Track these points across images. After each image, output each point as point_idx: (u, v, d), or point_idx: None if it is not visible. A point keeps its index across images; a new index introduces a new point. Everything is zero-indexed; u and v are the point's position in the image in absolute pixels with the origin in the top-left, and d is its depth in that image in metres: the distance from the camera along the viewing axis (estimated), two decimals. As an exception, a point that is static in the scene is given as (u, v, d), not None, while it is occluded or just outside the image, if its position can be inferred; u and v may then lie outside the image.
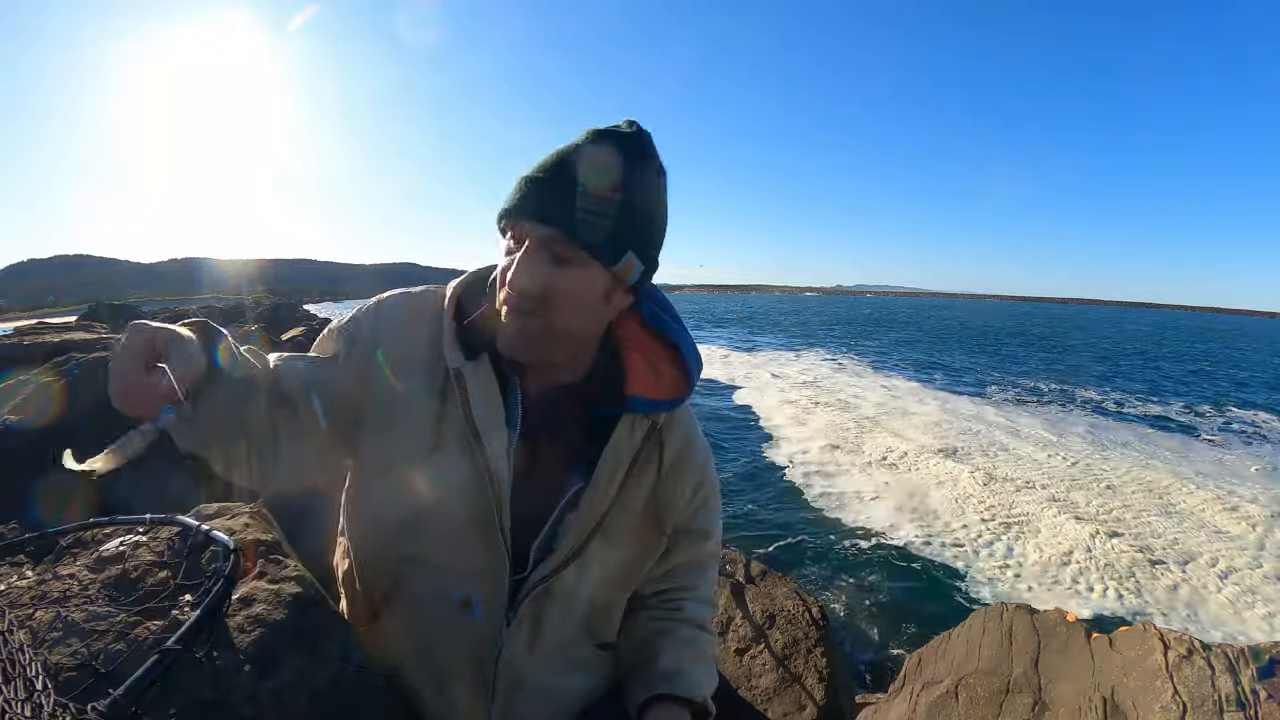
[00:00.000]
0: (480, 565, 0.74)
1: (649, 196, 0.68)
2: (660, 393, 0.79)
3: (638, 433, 0.79)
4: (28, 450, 2.58)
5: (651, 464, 0.81)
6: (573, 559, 0.77)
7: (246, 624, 0.71)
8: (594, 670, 0.88)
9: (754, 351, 24.06)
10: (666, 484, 0.83)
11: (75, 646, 0.62)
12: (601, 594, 0.83)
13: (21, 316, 64.34)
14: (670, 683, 0.84)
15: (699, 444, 0.86)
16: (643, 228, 0.68)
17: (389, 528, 0.75)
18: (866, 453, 9.73)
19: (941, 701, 2.29)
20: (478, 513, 0.73)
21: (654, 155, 0.69)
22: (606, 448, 0.77)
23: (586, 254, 0.66)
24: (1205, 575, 5.99)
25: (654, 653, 0.88)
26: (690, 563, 0.92)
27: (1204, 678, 1.86)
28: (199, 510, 0.92)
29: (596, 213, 0.65)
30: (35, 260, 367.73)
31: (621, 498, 0.79)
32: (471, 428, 0.71)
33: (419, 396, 0.74)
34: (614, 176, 0.65)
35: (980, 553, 6.51)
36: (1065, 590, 5.79)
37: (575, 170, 0.65)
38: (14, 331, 7.22)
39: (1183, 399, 16.77)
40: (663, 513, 0.84)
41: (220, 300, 46.77)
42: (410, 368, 0.74)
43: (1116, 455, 10.07)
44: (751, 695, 2.66)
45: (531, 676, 0.79)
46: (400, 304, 0.79)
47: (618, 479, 0.78)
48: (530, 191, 0.66)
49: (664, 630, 0.90)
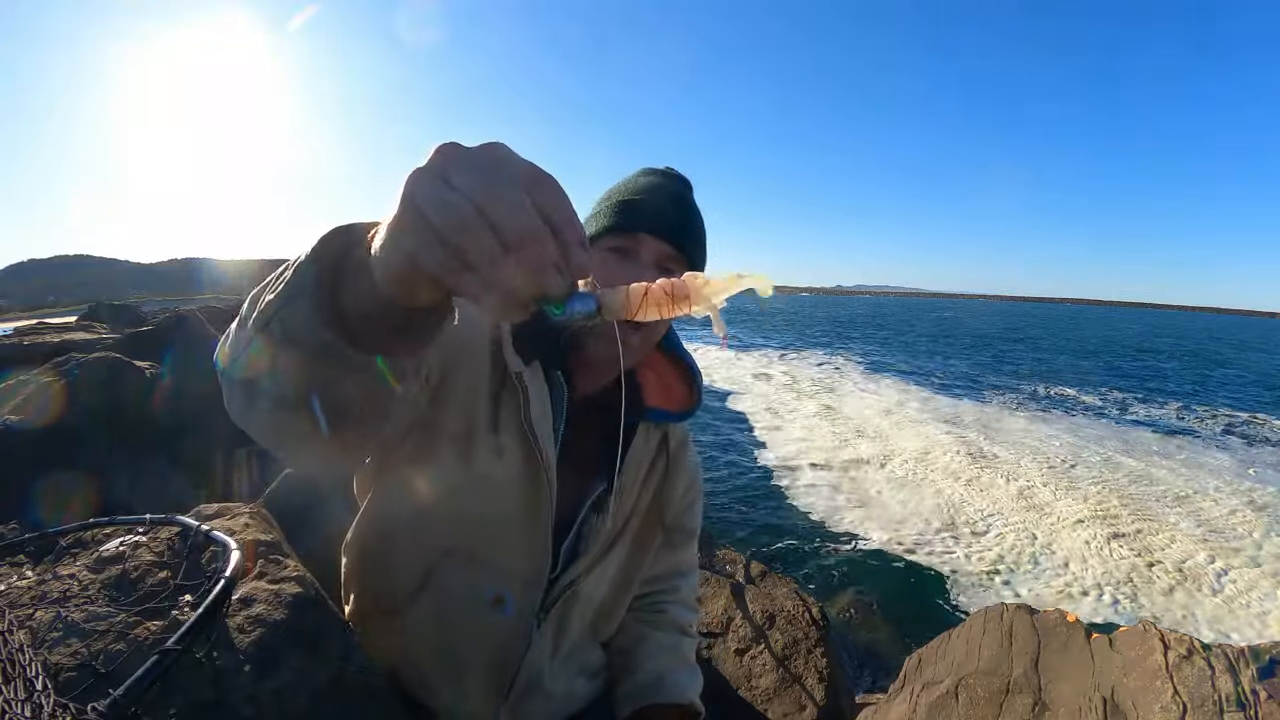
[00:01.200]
0: (519, 564, 0.76)
1: (705, 226, 0.80)
2: (671, 405, 0.86)
3: (652, 441, 0.86)
4: (28, 450, 2.58)
5: (659, 468, 0.88)
6: (598, 562, 0.81)
7: (246, 624, 0.71)
8: (597, 675, 0.92)
9: (753, 352, 24.07)
10: (666, 483, 0.89)
11: (75, 646, 0.62)
12: (610, 595, 0.86)
13: (21, 316, 64.40)
14: (655, 691, 0.89)
15: (691, 447, 0.94)
16: (706, 253, 0.80)
17: (436, 519, 0.75)
18: (866, 453, 9.74)
19: (941, 702, 2.29)
20: (527, 513, 0.74)
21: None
22: (629, 454, 0.82)
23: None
24: (1204, 575, 6.00)
25: (638, 660, 0.92)
26: (674, 567, 0.97)
27: (1204, 678, 1.86)
28: (199, 510, 0.92)
29: (698, 238, 0.77)
30: (35, 260, 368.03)
31: (638, 503, 0.85)
32: (530, 430, 0.73)
33: (480, 395, 0.74)
34: (696, 208, 0.79)
35: (980, 553, 6.51)
36: (1065, 590, 5.80)
37: (680, 198, 0.77)
38: (14, 331, 7.23)
39: (1180, 399, 16.79)
40: (663, 510, 0.89)
41: (220, 300, 46.84)
42: (475, 368, 0.75)
43: (1116, 454, 10.08)
44: (751, 695, 2.66)
45: (548, 679, 0.82)
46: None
47: (638, 485, 0.85)
48: (651, 211, 0.74)
49: (646, 636, 0.94)
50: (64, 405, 2.88)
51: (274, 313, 0.40)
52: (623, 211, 0.74)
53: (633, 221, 0.74)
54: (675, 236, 0.74)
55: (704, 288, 0.36)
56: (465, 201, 0.29)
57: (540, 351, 0.75)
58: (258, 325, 0.41)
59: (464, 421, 0.73)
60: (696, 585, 1.03)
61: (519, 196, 0.30)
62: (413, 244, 0.30)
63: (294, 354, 0.40)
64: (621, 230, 0.74)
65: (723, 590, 3.31)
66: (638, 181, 0.78)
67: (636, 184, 0.78)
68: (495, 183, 0.30)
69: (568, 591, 0.79)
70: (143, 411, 3.40)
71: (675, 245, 0.74)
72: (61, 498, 2.51)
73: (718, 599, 3.28)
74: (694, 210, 0.78)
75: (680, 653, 0.94)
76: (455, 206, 0.29)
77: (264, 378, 0.41)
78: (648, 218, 0.74)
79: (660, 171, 0.81)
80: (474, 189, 0.29)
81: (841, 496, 8.04)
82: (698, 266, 0.76)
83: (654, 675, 0.90)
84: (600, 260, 0.73)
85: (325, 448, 0.48)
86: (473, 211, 0.29)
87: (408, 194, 0.30)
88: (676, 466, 0.89)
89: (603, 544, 0.81)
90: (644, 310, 0.36)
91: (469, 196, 0.29)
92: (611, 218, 0.75)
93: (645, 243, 0.73)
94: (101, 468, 3.17)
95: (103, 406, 3.07)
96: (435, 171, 0.30)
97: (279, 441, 0.47)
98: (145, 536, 0.81)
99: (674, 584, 0.98)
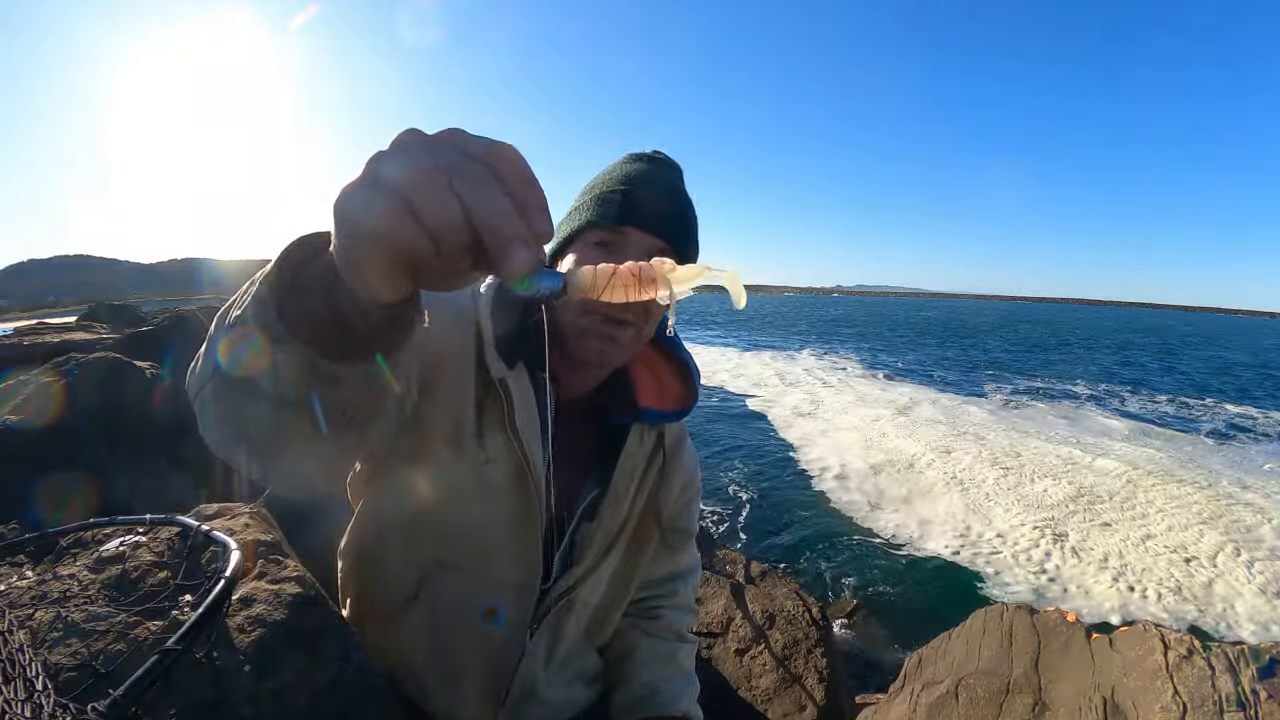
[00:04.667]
0: (511, 574, 0.74)
1: (696, 217, 0.76)
2: (665, 404, 0.81)
3: (647, 443, 0.82)
4: (28, 450, 2.58)
5: (655, 470, 0.84)
6: (593, 570, 0.79)
7: (246, 624, 0.71)
8: (594, 680, 0.91)
9: (752, 351, 24.06)
10: (663, 483, 0.86)
11: (75, 646, 0.61)
12: (606, 600, 0.84)
13: (21, 316, 64.35)
14: (648, 704, 0.88)
15: (688, 444, 0.91)
16: (698, 245, 0.76)
17: (426, 530, 0.73)
18: (866, 454, 9.74)
19: (942, 702, 2.29)
20: (517, 522, 0.72)
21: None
22: (621, 457, 0.78)
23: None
24: (1205, 574, 6.00)
25: (631, 670, 0.91)
26: (671, 570, 0.95)
27: (1204, 678, 1.86)
28: (199, 510, 0.92)
29: (689, 231, 0.73)
30: (35, 260, 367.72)
31: (634, 507, 0.82)
32: (517, 440, 0.70)
33: (464, 404, 0.71)
34: (687, 197, 0.75)
35: (979, 552, 6.51)
36: (1065, 590, 5.79)
37: (669, 188, 0.72)
38: (14, 331, 7.22)
39: (1177, 395, 16.83)
40: (660, 510, 0.86)
41: (220, 300, 46.79)
42: (456, 377, 0.71)
43: (1115, 452, 10.07)
44: (751, 695, 2.66)
45: (542, 686, 0.81)
46: (451, 298, 0.73)
47: (633, 489, 0.81)
48: (638, 203, 0.70)
49: (639, 644, 0.92)
50: (64, 405, 2.88)
51: (244, 318, 0.40)
52: (608, 204, 0.70)
53: (619, 214, 0.69)
54: (664, 229, 0.70)
55: (670, 274, 0.37)
56: (428, 167, 0.29)
57: (525, 353, 0.72)
58: (227, 328, 0.41)
59: (449, 432, 0.70)
60: (696, 585, 1.00)
61: (480, 168, 0.30)
62: (375, 214, 0.29)
63: (285, 353, 0.39)
64: (607, 224, 0.69)
65: (723, 590, 3.31)
66: (624, 170, 0.73)
67: (623, 172, 0.73)
68: (455, 153, 0.30)
69: (561, 601, 0.77)
70: (143, 411, 3.40)
71: (665, 238, 0.70)
72: (61, 498, 2.51)
73: (718, 599, 3.28)
74: (684, 200, 0.74)
75: (675, 661, 0.92)
76: (419, 170, 0.29)
77: (264, 376, 0.40)
78: (635, 210, 0.69)
79: (647, 157, 0.76)
80: (437, 158, 0.29)
81: (842, 496, 8.03)
82: (688, 259, 0.73)
83: (648, 688, 0.88)
84: (586, 255, 0.70)
85: (322, 449, 0.47)
86: (438, 177, 0.29)
87: (370, 168, 0.30)
88: (673, 465, 0.86)
89: (597, 551, 0.78)
90: (610, 291, 0.36)
91: (434, 162, 0.29)
92: (596, 210, 0.70)
93: (633, 237, 0.69)
94: (101, 468, 3.17)
95: (103, 406, 3.07)
96: (397, 147, 0.31)
97: (274, 447, 0.46)
98: (145, 536, 0.80)
99: (671, 588, 0.95)
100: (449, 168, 0.29)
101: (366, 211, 0.29)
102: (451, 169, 0.29)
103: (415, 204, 0.29)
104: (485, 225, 0.29)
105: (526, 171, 0.31)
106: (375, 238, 0.30)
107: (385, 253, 0.30)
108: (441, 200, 0.29)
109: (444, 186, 0.29)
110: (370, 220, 0.29)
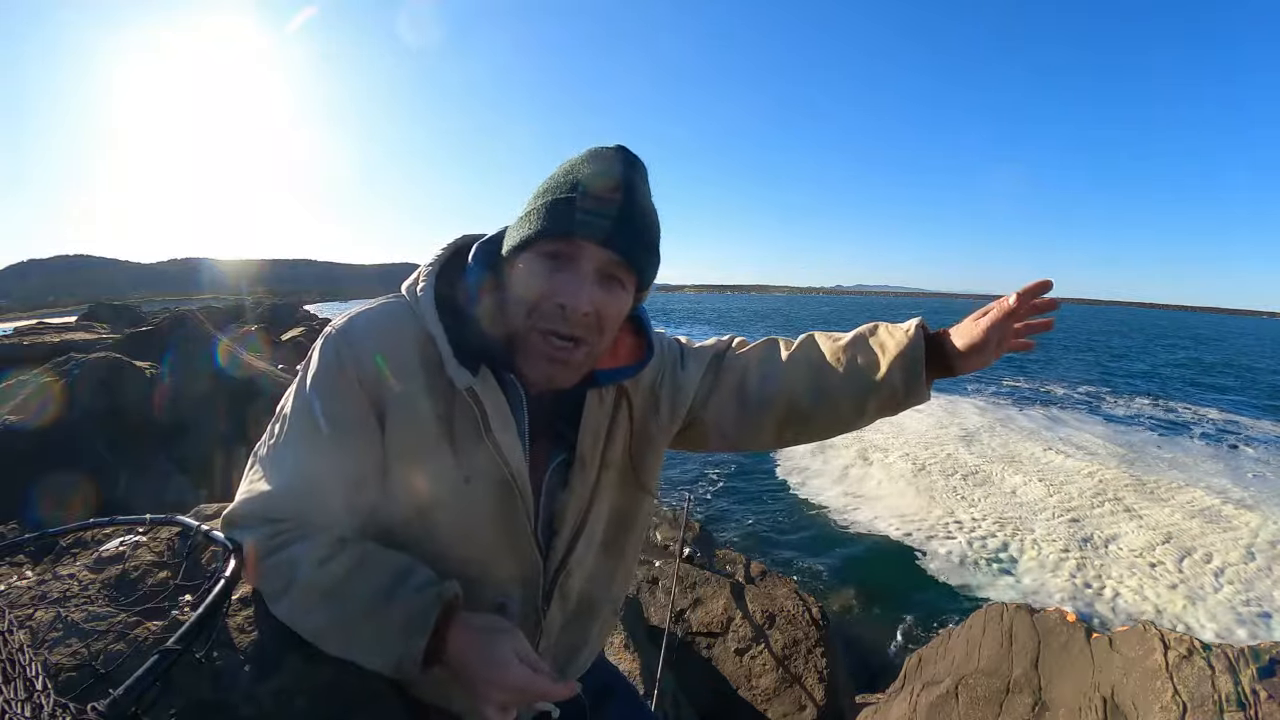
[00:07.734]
0: (513, 573, 0.75)
1: (658, 223, 0.71)
2: (618, 361, 0.77)
3: (607, 401, 0.79)
4: (28, 450, 2.58)
5: (624, 418, 0.80)
6: (579, 533, 0.78)
7: (246, 624, 0.71)
8: (608, 619, 0.91)
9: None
10: (635, 422, 0.81)
11: (75, 646, 0.62)
12: (606, 536, 0.82)
13: (22, 316, 64.30)
14: (870, 339, 0.83)
15: (658, 346, 0.83)
16: (659, 256, 0.71)
17: (420, 551, 0.71)
18: (865, 455, 9.74)
19: (941, 701, 2.29)
20: (506, 524, 0.72)
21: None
22: (582, 424, 0.76)
23: (634, 280, 0.69)
24: (1204, 574, 6.00)
25: (822, 354, 0.85)
26: (757, 356, 0.88)
27: (1204, 678, 1.86)
28: (199, 510, 0.92)
29: (648, 243, 0.68)
30: (35, 260, 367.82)
31: (606, 460, 0.79)
32: (497, 450, 0.68)
33: (426, 431, 0.69)
34: (649, 203, 0.69)
35: (979, 553, 6.51)
36: (1065, 590, 5.79)
37: (628, 195, 0.65)
38: (14, 331, 7.23)
39: (1173, 399, 16.79)
40: (661, 415, 0.83)
41: (220, 300, 46.71)
42: (411, 399, 0.68)
43: (1114, 454, 10.07)
44: (751, 695, 2.66)
45: (562, 632, 0.82)
46: (369, 328, 0.70)
47: (599, 449, 0.78)
48: (593, 213, 0.64)
49: (808, 352, 0.86)
50: (64, 405, 2.88)
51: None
52: (559, 213, 0.64)
53: (569, 225, 0.64)
54: (619, 242, 0.64)
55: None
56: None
57: (486, 356, 0.69)
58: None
59: (418, 458, 0.68)
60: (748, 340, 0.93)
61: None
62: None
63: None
64: (559, 235, 0.64)
65: (723, 590, 3.31)
66: (579, 171, 0.66)
67: (577, 174, 0.66)
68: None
69: (560, 573, 0.77)
70: (143, 411, 3.40)
71: (619, 253, 0.65)
72: (61, 497, 2.51)
73: (718, 599, 3.28)
74: (645, 207, 0.68)
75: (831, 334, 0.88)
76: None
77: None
78: (586, 220, 0.63)
79: (607, 155, 0.67)
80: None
81: (842, 497, 8.04)
82: (646, 274, 0.70)
83: (875, 343, 0.82)
84: (534, 269, 0.65)
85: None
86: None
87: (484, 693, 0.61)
88: (639, 397, 0.81)
89: (574, 518, 0.77)
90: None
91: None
92: (547, 219, 0.64)
93: (586, 250, 0.64)
94: (101, 468, 3.17)
95: (103, 406, 3.07)
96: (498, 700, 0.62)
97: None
98: (145, 536, 0.81)
99: (765, 350, 0.88)
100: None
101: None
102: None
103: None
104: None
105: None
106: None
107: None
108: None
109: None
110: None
